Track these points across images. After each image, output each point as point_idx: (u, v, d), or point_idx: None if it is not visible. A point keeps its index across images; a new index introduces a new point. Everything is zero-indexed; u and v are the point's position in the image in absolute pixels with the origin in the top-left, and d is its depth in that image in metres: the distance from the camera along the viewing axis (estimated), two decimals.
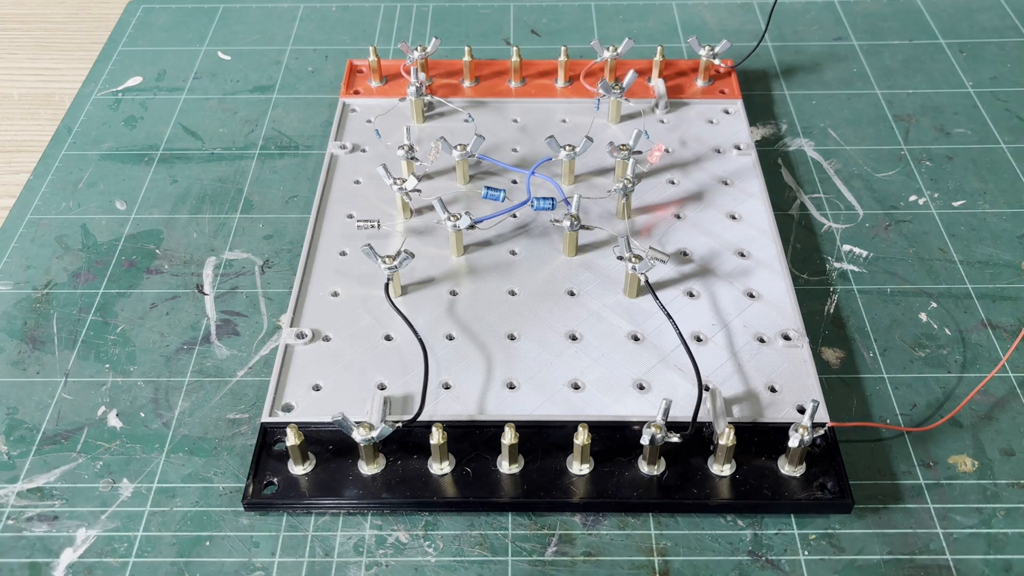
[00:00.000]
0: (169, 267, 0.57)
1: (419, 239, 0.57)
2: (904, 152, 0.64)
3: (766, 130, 0.66)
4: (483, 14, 0.79)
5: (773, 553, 0.43)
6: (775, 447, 0.45)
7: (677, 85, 0.68)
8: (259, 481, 0.45)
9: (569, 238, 0.55)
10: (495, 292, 0.54)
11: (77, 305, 0.54)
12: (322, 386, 0.49)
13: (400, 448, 0.46)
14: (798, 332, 0.51)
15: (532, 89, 0.68)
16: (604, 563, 0.42)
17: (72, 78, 0.73)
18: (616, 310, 0.52)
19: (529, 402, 0.48)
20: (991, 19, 0.77)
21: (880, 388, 0.49)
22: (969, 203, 0.60)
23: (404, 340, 0.51)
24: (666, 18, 0.78)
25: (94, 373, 0.51)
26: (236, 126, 0.67)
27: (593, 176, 0.61)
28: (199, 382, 0.50)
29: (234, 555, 0.43)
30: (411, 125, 0.65)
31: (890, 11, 0.78)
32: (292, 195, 0.61)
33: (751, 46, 0.72)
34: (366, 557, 0.43)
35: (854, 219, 0.59)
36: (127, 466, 0.46)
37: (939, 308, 0.53)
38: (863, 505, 0.44)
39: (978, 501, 0.44)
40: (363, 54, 0.73)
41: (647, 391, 0.48)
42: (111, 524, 0.44)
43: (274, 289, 0.55)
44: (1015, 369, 0.50)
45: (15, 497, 0.45)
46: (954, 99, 0.68)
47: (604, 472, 0.45)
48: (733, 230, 0.57)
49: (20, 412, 0.49)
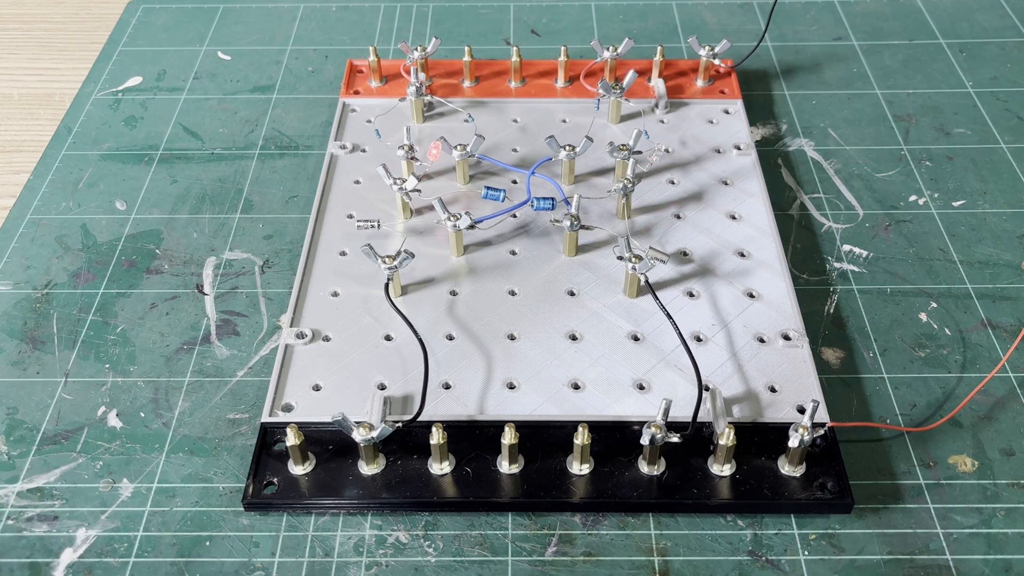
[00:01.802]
0: (169, 267, 0.57)
1: (419, 239, 0.57)
2: (904, 152, 0.64)
3: (766, 130, 0.66)
4: (483, 14, 0.79)
5: (773, 553, 0.43)
6: (775, 447, 0.45)
7: (677, 85, 0.68)
8: (259, 481, 0.45)
9: (569, 238, 0.55)
10: (495, 292, 0.54)
11: (77, 305, 0.54)
12: (322, 386, 0.49)
13: (400, 448, 0.46)
14: (798, 332, 0.51)
15: (532, 89, 0.68)
16: (604, 563, 0.42)
17: (72, 78, 0.73)
18: (616, 310, 0.52)
19: (529, 402, 0.48)
20: (991, 19, 0.77)
21: (880, 388, 0.49)
22: (969, 203, 0.60)
23: (404, 340, 0.51)
24: (666, 18, 0.78)
25: (94, 373, 0.51)
26: (236, 126, 0.67)
27: (593, 176, 0.61)
28: (199, 382, 0.50)
29: (234, 555, 0.43)
30: (411, 125, 0.65)
31: (890, 11, 0.78)
32: (292, 195, 0.61)
33: (751, 46, 0.72)
34: (366, 557, 0.43)
35: (854, 219, 0.59)
36: (127, 466, 0.46)
37: (939, 308, 0.53)
38: (863, 505, 0.44)
39: (978, 501, 0.44)
40: (363, 54, 0.73)
41: (647, 391, 0.48)
42: (111, 524, 0.44)
43: (274, 289, 0.55)
44: (1015, 369, 0.50)
45: (15, 497, 0.45)
46: (954, 99, 0.68)
47: (604, 472, 0.45)
48: (733, 230, 0.57)
49: (20, 412, 0.49)
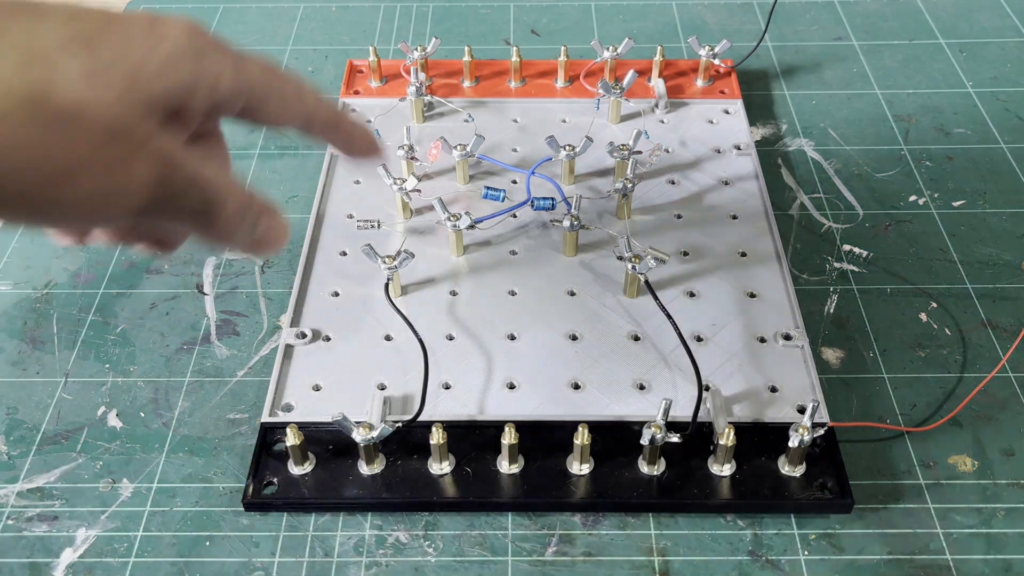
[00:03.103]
0: (169, 267, 0.57)
1: (419, 239, 0.57)
2: (904, 152, 0.64)
3: (766, 130, 0.66)
4: (483, 14, 0.79)
5: (773, 553, 0.43)
6: (775, 447, 0.45)
7: (677, 85, 0.68)
8: (259, 481, 0.45)
9: (569, 238, 0.55)
10: (495, 292, 0.54)
11: (77, 305, 0.54)
12: (322, 386, 0.49)
13: (400, 448, 0.46)
14: (798, 332, 0.51)
15: (532, 89, 0.68)
16: (604, 563, 0.42)
17: None
18: (616, 310, 0.52)
19: (529, 402, 0.48)
20: (991, 19, 0.77)
21: (880, 388, 0.49)
22: (969, 203, 0.60)
23: (404, 340, 0.51)
24: (666, 18, 0.78)
25: (94, 373, 0.51)
26: (236, 126, 0.67)
27: (593, 176, 0.61)
28: (199, 382, 0.50)
29: (234, 555, 0.43)
30: (411, 125, 0.65)
31: (890, 11, 0.78)
32: (292, 195, 0.61)
33: (751, 46, 0.72)
34: (366, 557, 0.43)
35: (854, 219, 0.59)
36: (127, 466, 0.46)
37: (939, 308, 0.53)
38: (863, 505, 0.44)
39: (978, 501, 0.44)
40: (363, 54, 0.73)
41: (647, 391, 0.48)
42: (111, 524, 0.44)
43: (274, 289, 0.55)
44: (1015, 369, 0.50)
45: (15, 497, 0.45)
46: (954, 99, 0.68)
47: (604, 472, 0.45)
48: (733, 230, 0.57)
49: (20, 412, 0.49)
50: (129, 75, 0.27)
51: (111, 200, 0.27)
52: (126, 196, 0.27)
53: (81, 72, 0.25)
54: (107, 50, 0.26)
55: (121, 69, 0.26)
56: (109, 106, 0.26)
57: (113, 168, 0.26)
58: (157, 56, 0.27)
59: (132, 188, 0.27)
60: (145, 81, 0.27)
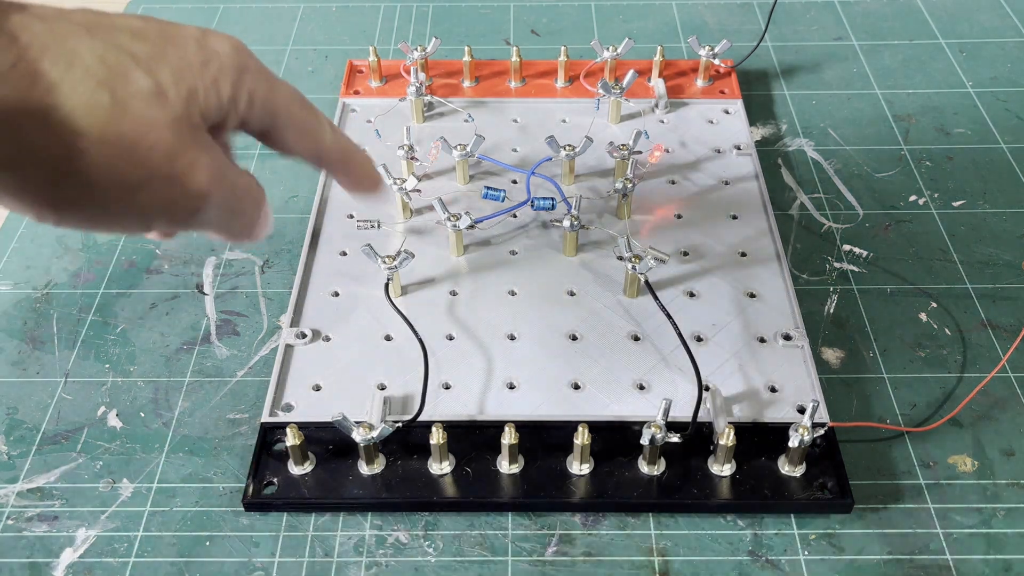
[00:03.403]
0: (169, 267, 0.57)
1: (419, 239, 0.57)
2: (904, 152, 0.64)
3: (766, 130, 0.66)
4: (483, 14, 0.79)
5: (773, 553, 0.43)
6: (775, 447, 0.45)
7: (677, 85, 0.68)
8: (259, 481, 0.45)
9: (569, 238, 0.55)
10: (495, 292, 0.54)
11: (77, 305, 0.54)
12: (322, 386, 0.49)
13: (400, 448, 0.46)
14: (798, 332, 0.51)
15: (532, 89, 0.68)
16: (604, 563, 0.42)
17: None
18: (616, 310, 0.52)
19: (529, 402, 0.48)
20: (991, 19, 0.77)
21: (880, 388, 0.49)
22: (969, 203, 0.60)
23: (404, 340, 0.51)
24: (666, 18, 0.78)
25: (94, 373, 0.51)
26: None
27: (593, 176, 0.61)
28: (199, 382, 0.50)
29: (234, 555, 0.43)
30: (411, 125, 0.65)
31: (890, 11, 0.78)
32: (292, 195, 0.61)
33: (751, 46, 0.72)
34: (366, 557, 0.43)
35: (854, 219, 0.59)
36: (127, 466, 0.46)
37: (939, 308, 0.53)
38: (863, 505, 0.44)
39: (978, 501, 0.44)
40: (363, 54, 0.73)
41: (647, 391, 0.48)
42: (111, 524, 0.44)
43: (274, 289, 0.55)
44: (1015, 369, 0.50)
45: (15, 497, 0.45)
46: (954, 99, 0.68)
47: (604, 472, 0.45)
48: (733, 230, 0.57)
49: (20, 412, 0.49)
50: (188, 94, 0.28)
51: (174, 208, 0.29)
52: (186, 203, 0.29)
53: (150, 91, 0.27)
54: (168, 69, 0.28)
55: (181, 88, 0.28)
56: (174, 122, 0.28)
57: (174, 180, 0.28)
58: (209, 73, 0.29)
59: (191, 196, 0.29)
60: (201, 97, 0.29)
